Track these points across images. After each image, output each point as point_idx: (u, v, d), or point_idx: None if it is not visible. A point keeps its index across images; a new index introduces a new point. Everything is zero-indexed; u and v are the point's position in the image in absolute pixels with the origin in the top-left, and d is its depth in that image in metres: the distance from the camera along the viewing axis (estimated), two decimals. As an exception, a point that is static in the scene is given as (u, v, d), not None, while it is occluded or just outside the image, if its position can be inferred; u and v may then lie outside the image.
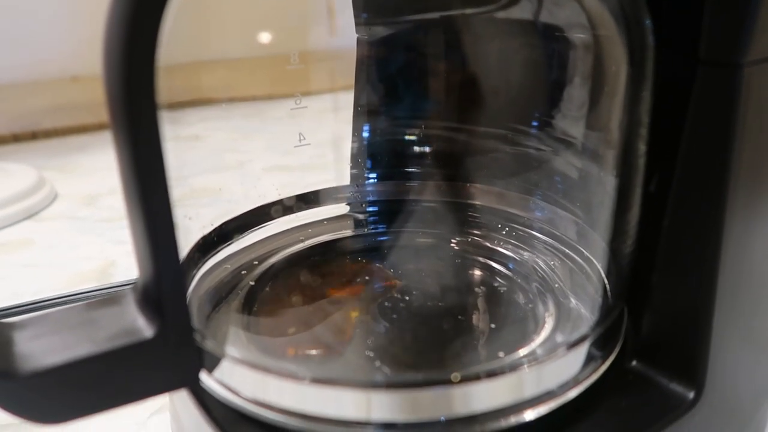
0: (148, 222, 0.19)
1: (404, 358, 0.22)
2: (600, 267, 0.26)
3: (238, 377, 0.21)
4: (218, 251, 0.30)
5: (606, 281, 0.25)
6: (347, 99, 0.36)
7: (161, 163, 0.18)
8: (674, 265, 0.23)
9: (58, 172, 0.69)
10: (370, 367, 0.21)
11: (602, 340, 0.22)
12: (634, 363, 0.24)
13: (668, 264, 0.23)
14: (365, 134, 0.36)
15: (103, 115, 0.20)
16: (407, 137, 0.36)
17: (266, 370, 0.20)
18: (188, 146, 0.31)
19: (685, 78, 0.21)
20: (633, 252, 0.23)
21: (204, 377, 0.22)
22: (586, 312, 0.25)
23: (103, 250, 0.51)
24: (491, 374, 0.20)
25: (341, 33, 0.35)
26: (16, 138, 0.82)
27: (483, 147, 0.33)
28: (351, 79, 0.36)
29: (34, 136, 0.83)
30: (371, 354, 0.23)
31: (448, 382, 0.19)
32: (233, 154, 0.38)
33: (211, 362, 0.21)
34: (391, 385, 0.19)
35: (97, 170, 0.70)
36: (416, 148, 0.36)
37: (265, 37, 0.30)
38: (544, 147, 0.30)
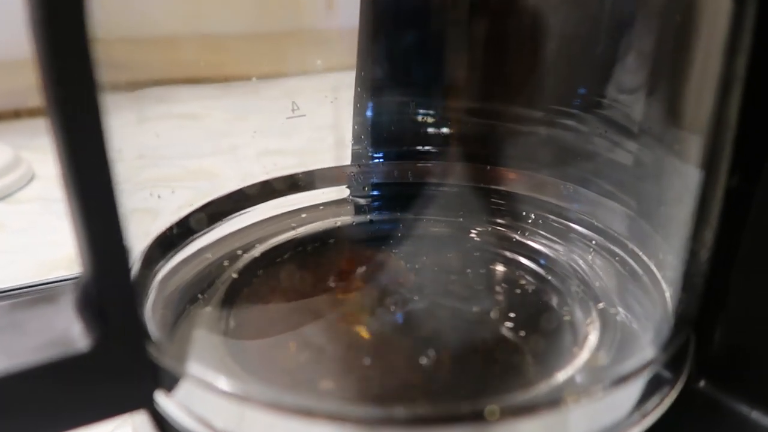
0: (84, 204, 0.14)
1: (417, 382, 0.18)
2: (658, 268, 0.21)
3: (205, 402, 0.16)
4: (194, 239, 0.25)
5: (665, 287, 0.21)
6: (350, 75, 0.32)
7: (100, 144, 0.14)
8: (757, 269, 0.18)
9: (39, 153, 0.64)
10: (376, 396, 0.17)
11: (669, 364, 0.17)
12: (702, 384, 0.19)
13: (749, 267, 0.18)
14: (370, 105, 0.31)
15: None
16: (420, 111, 0.31)
17: (243, 396, 0.16)
18: (179, 125, 0.26)
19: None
20: (706, 253, 0.18)
21: (162, 399, 0.17)
22: (637, 321, 0.21)
23: (79, 236, 0.46)
24: (534, 407, 0.15)
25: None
26: (-1, 116, 0.78)
27: (511, 126, 0.29)
28: (353, 54, 0.31)
29: (16, 114, 0.78)
30: (375, 378, 0.18)
31: (478, 419, 0.14)
32: (226, 134, 0.33)
33: (170, 381, 0.16)
34: (405, 421, 0.15)
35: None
36: (430, 124, 0.31)
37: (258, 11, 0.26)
38: (588, 125, 0.25)
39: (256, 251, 0.25)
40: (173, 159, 0.27)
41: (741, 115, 0.17)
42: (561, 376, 0.18)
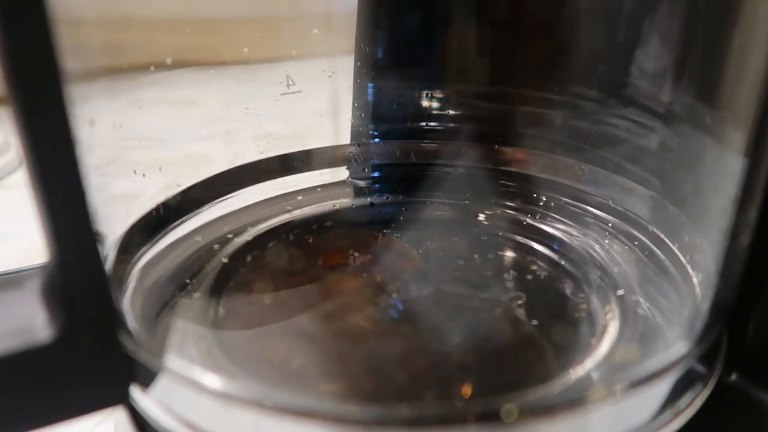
0: (46, 186, 0.13)
1: (421, 379, 0.16)
2: (683, 253, 0.19)
3: (185, 399, 0.14)
4: (182, 222, 0.23)
5: (692, 272, 0.19)
6: (350, 56, 0.30)
7: (63, 126, 0.12)
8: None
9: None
10: (379, 393, 0.15)
11: (702, 358, 0.16)
12: (734, 377, 0.18)
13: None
14: (371, 83, 0.29)
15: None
16: (424, 89, 0.29)
17: (227, 393, 0.14)
18: (174, 110, 0.25)
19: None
20: (746, 237, 0.17)
21: (139, 395, 0.15)
22: (660, 310, 0.19)
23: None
24: (556, 407, 0.13)
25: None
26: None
27: (522, 106, 0.27)
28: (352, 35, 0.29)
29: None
30: (375, 373, 0.16)
31: (494, 420, 0.13)
32: (222, 119, 0.31)
33: (147, 376, 0.15)
34: (408, 422, 0.13)
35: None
36: (435, 102, 0.29)
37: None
38: (608, 105, 0.23)
39: (248, 235, 0.23)
40: (167, 143, 0.25)
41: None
42: (581, 370, 0.16)
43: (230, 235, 0.23)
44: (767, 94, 0.15)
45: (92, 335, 0.14)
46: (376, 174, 0.28)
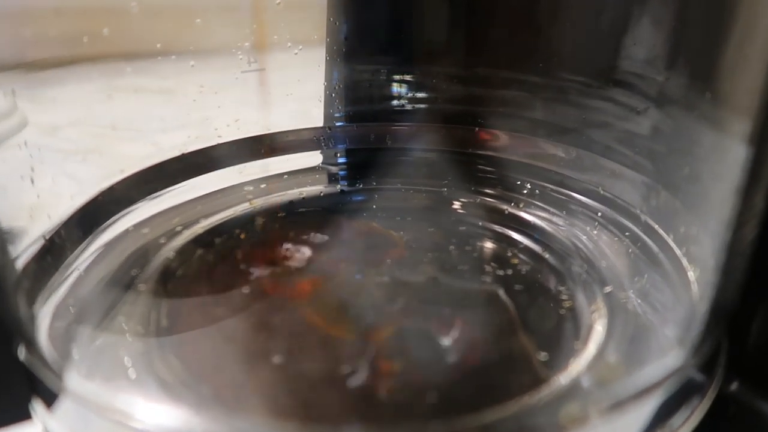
0: None
1: (376, 393, 0.14)
2: (678, 245, 0.17)
3: (88, 423, 0.12)
4: (126, 214, 0.21)
5: (687, 266, 0.17)
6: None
7: None
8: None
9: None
10: (317, 414, 0.13)
11: (700, 367, 0.14)
12: (734, 387, 0.16)
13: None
14: (344, 60, 0.27)
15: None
16: (398, 67, 0.27)
17: (132, 421, 0.12)
18: (153, 99, 0.23)
19: None
20: (750, 231, 0.14)
21: (43, 414, 0.13)
22: (652, 309, 0.17)
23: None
24: (532, 428, 0.11)
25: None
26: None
27: (503, 83, 0.25)
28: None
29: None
30: (328, 388, 0.14)
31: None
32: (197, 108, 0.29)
33: (49, 395, 0.13)
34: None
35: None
36: (409, 82, 0.27)
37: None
38: (597, 88, 0.21)
39: (199, 227, 0.21)
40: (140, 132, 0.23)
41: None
42: (562, 379, 0.14)
43: (179, 227, 0.21)
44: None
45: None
46: (346, 159, 0.26)
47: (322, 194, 0.25)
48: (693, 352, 0.14)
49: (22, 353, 0.12)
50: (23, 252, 0.17)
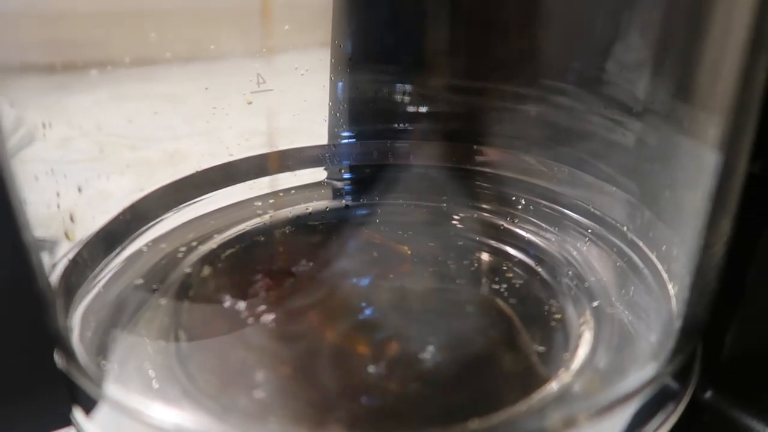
0: None
1: (376, 403, 0.15)
2: (661, 261, 0.19)
3: (128, 428, 0.14)
4: (147, 230, 0.23)
5: (668, 281, 0.18)
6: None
7: None
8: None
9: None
10: (328, 421, 0.14)
11: (676, 375, 0.15)
12: (708, 395, 0.17)
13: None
14: (348, 81, 0.28)
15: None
16: (399, 87, 0.28)
17: (173, 427, 0.13)
18: (156, 106, 0.24)
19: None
20: (721, 247, 0.16)
21: (82, 421, 0.14)
22: (637, 322, 0.18)
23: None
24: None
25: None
26: None
27: (499, 104, 0.26)
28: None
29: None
30: (338, 398, 0.16)
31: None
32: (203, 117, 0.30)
33: (88, 401, 0.14)
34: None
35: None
36: (411, 100, 0.28)
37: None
38: (584, 103, 0.22)
39: (213, 242, 0.22)
40: (149, 141, 0.24)
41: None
42: (550, 389, 0.16)
43: (195, 243, 0.22)
44: (743, 86, 0.15)
45: (20, 355, 0.13)
46: (351, 175, 0.28)
47: (327, 209, 0.26)
48: (669, 359, 0.15)
49: (60, 363, 0.14)
50: (55, 266, 0.18)
